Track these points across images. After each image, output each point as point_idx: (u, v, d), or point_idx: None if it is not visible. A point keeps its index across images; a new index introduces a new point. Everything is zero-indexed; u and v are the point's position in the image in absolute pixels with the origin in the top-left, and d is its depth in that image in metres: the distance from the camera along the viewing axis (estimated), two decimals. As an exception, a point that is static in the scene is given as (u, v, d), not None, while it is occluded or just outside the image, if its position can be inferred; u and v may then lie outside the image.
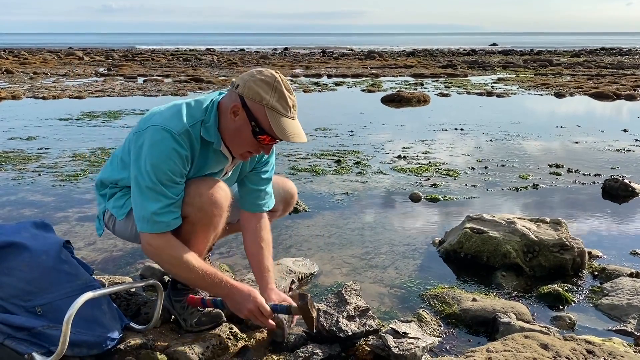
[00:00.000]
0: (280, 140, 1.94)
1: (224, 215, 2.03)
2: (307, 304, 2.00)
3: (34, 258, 1.93)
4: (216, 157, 2.06)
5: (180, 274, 2.04)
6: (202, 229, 2.00)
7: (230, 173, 2.21)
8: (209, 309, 2.17)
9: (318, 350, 2.02)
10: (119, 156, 2.14)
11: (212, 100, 2.03)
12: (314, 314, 2.03)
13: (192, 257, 1.95)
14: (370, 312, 2.19)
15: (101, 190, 2.22)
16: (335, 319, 2.12)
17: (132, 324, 2.12)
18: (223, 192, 2.01)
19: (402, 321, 2.17)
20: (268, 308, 2.00)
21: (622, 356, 1.82)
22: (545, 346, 1.85)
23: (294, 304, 2.03)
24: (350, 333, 2.08)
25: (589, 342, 1.91)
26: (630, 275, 2.79)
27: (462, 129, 7.51)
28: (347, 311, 2.15)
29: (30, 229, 2.10)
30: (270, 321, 2.01)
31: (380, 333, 2.06)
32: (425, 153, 5.96)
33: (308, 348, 2.03)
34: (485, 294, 2.64)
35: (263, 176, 2.26)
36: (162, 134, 1.89)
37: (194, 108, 1.99)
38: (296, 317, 2.16)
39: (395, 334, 2.04)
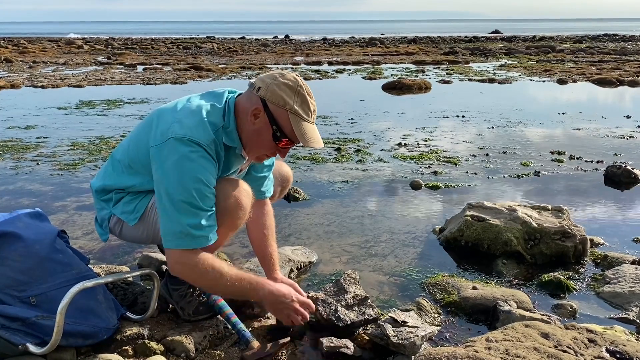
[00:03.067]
0: (300, 144, 1.91)
1: (247, 217, 2.01)
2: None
3: (27, 248, 1.91)
4: (236, 159, 2.04)
5: (217, 290, 1.99)
6: (224, 230, 1.96)
7: (244, 170, 2.20)
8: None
9: (316, 340, 2.00)
10: (123, 162, 2.07)
11: (226, 101, 1.97)
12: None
13: (225, 268, 1.89)
14: (369, 300, 2.17)
15: (103, 196, 2.17)
16: (334, 307, 2.10)
17: (129, 314, 2.10)
18: (247, 194, 1.98)
19: (402, 310, 2.15)
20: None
21: (624, 345, 1.79)
22: (546, 335, 1.83)
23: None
24: (349, 322, 2.07)
25: (591, 331, 1.88)
26: (633, 262, 2.76)
27: (463, 116, 7.46)
28: (346, 300, 2.13)
29: (24, 218, 2.07)
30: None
31: (379, 322, 2.04)
32: (426, 140, 5.91)
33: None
34: (486, 282, 2.62)
35: (266, 163, 2.24)
36: (192, 146, 1.82)
37: (212, 114, 1.92)
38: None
39: (395, 322, 2.01)
